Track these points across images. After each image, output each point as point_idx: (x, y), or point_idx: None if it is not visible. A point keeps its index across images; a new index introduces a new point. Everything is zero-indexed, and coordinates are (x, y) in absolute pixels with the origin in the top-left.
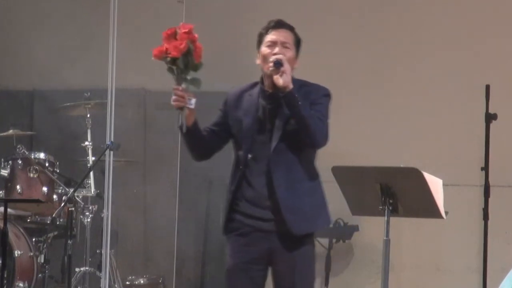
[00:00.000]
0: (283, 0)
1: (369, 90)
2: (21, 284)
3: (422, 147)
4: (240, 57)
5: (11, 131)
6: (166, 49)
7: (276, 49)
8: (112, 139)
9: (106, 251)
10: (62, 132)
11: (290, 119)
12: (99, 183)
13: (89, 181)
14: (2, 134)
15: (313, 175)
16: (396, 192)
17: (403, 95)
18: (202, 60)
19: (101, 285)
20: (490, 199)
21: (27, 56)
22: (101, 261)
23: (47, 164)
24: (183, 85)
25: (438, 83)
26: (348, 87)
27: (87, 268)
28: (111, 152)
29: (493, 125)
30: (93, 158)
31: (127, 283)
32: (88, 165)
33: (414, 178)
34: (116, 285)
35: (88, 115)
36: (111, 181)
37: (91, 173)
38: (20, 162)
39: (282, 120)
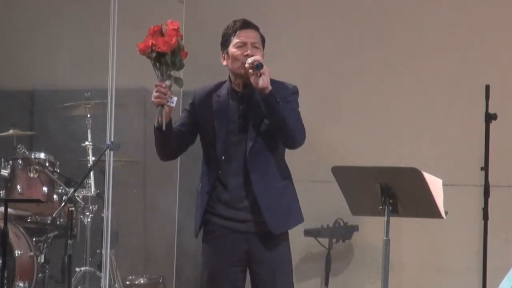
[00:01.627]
0: (283, 0)
1: (369, 90)
2: (21, 284)
3: (422, 147)
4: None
5: (11, 131)
6: (152, 44)
7: (248, 51)
8: (112, 139)
9: (106, 251)
10: (62, 132)
11: (264, 119)
12: (99, 183)
13: (89, 181)
14: (2, 134)
15: (286, 174)
16: (396, 192)
17: (403, 95)
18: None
19: (101, 285)
20: (490, 199)
21: (27, 56)
22: (101, 261)
23: (47, 164)
24: (167, 82)
25: (438, 83)
26: (348, 87)
27: (87, 268)
28: (111, 152)
29: (493, 125)
30: (93, 158)
31: (127, 283)
32: (88, 165)
33: (414, 178)
34: (116, 285)
35: (88, 115)
36: (111, 181)
37: (91, 173)
38: (20, 162)
39: (256, 120)
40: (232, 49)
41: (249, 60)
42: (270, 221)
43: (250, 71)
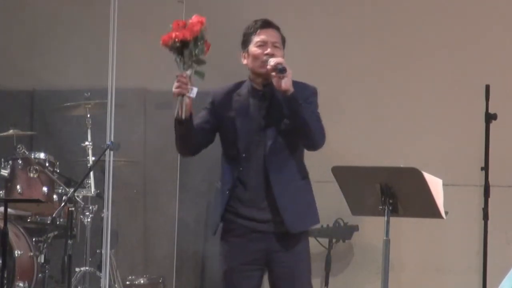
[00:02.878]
0: (283, 0)
1: (369, 90)
2: (21, 284)
3: (422, 147)
4: (239, 57)
5: (11, 131)
6: (176, 36)
7: (268, 50)
8: (112, 139)
9: (106, 251)
10: (62, 132)
11: (284, 118)
12: (99, 183)
13: (89, 181)
14: (2, 134)
15: (304, 173)
16: (396, 192)
17: (403, 95)
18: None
19: (101, 285)
20: (490, 199)
21: (27, 56)
22: (101, 261)
23: (47, 164)
24: (188, 72)
25: (438, 83)
26: (348, 87)
27: (87, 268)
28: (111, 152)
29: (493, 125)
30: (93, 158)
31: (127, 283)
32: (88, 165)
33: (414, 178)
34: (116, 285)
35: (88, 115)
36: (111, 181)
37: (91, 173)
38: (20, 162)
39: (277, 119)
40: (252, 48)
41: (272, 62)
42: (288, 221)
43: (273, 73)
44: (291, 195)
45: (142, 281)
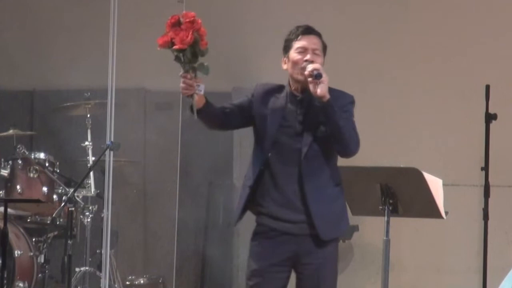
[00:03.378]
0: (283, 1)
1: (369, 90)
2: (21, 284)
3: (422, 147)
4: (240, 57)
5: (11, 131)
6: (171, 38)
7: (308, 56)
8: (112, 139)
9: (106, 251)
10: (62, 132)
11: (320, 125)
12: (99, 183)
13: (89, 181)
14: (2, 134)
15: (338, 180)
16: (396, 192)
17: (403, 95)
18: (208, 47)
19: (101, 285)
20: (490, 199)
21: (27, 56)
22: (101, 261)
23: (47, 164)
24: (191, 73)
25: (438, 83)
26: (348, 87)
27: (87, 268)
28: (111, 152)
29: (493, 125)
30: (93, 158)
31: (127, 283)
32: (88, 165)
33: (414, 178)
34: (116, 285)
35: (88, 115)
36: (111, 181)
37: (91, 173)
38: (20, 162)
39: (313, 125)
40: (292, 54)
41: (309, 68)
42: (321, 228)
43: (310, 79)
44: (324, 201)
45: (142, 281)
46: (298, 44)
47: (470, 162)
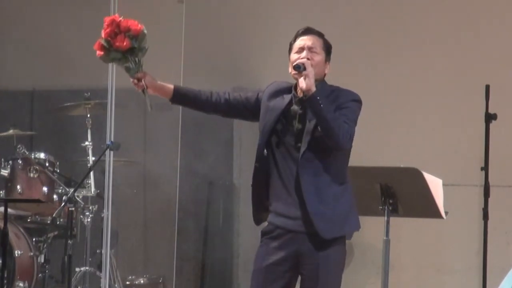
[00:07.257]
0: (283, 1)
1: (369, 90)
2: (21, 284)
3: (422, 147)
4: (239, 57)
5: (11, 131)
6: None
7: (303, 54)
8: (112, 139)
9: (106, 251)
10: (62, 132)
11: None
12: (99, 183)
13: (89, 181)
14: (2, 134)
15: (341, 180)
16: (396, 192)
17: (403, 95)
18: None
19: (101, 285)
20: (490, 199)
21: (27, 56)
22: (101, 261)
23: (47, 164)
24: (137, 71)
25: (438, 83)
26: (348, 87)
27: (87, 268)
28: (111, 152)
29: (493, 125)
30: (93, 158)
31: (127, 283)
32: (88, 165)
33: (414, 178)
34: (116, 285)
35: (88, 115)
36: (111, 181)
37: (91, 173)
38: (20, 162)
39: (311, 125)
40: (291, 55)
41: (295, 62)
42: (320, 226)
43: (293, 72)
44: (324, 200)
45: (142, 281)
46: (296, 44)
47: (470, 162)
